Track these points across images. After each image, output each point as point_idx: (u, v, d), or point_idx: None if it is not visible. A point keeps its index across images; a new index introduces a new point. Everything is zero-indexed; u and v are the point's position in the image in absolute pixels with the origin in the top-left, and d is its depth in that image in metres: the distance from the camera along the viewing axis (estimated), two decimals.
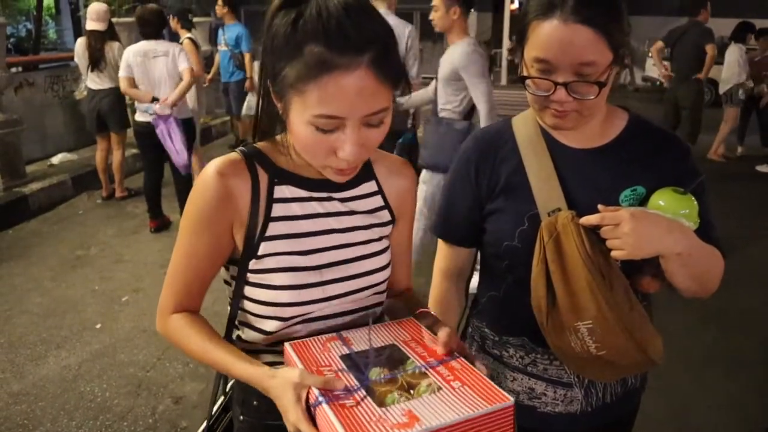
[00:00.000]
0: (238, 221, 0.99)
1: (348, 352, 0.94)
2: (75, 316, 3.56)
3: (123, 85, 4.62)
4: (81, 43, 5.44)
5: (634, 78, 15.29)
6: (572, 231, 1.04)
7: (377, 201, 1.10)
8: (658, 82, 10.55)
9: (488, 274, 1.29)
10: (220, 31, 6.99)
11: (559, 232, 1.06)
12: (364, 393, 0.84)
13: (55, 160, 6.39)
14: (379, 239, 1.09)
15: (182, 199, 4.88)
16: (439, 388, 0.85)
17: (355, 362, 0.91)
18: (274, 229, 1.00)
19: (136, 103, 4.73)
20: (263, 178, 1.00)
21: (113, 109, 5.42)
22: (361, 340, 0.98)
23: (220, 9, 6.81)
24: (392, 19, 4.76)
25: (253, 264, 1.00)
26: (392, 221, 1.12)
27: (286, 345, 0.97)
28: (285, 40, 0.86)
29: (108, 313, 3.59)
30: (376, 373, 0.88)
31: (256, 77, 6.93)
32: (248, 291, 1.02)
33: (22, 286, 3.96)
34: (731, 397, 2.80)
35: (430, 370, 0.89)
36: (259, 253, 0.99)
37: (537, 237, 1.09)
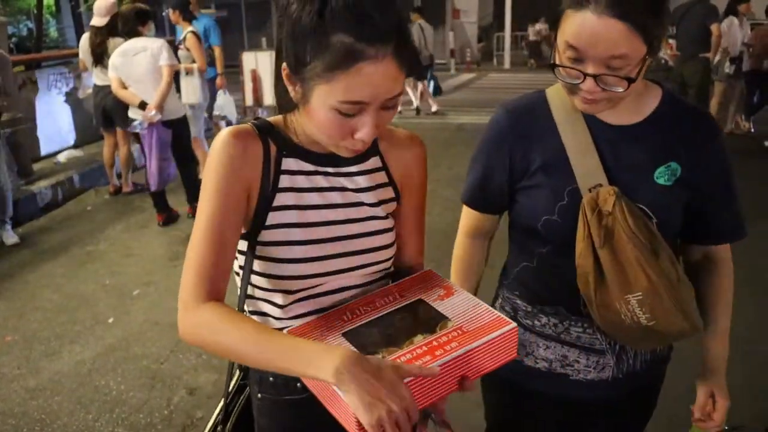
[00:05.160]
0: (251, 188, 0.99)
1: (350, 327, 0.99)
2: (87, 310, 3.59)
3: (113, 86, 4.60)
4: (85, 38, 5.45)
5: None
6: (616, 207, 1.07)
7: (381, 177, 1.10)
8: (663, 61, 10.41)
9: (520, 244, 1.29)
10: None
11: (601, 207, 1.08)
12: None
13: (62, 157, 6.41)
14: (386, 217, 1.10)
15: (189, 187, 4.87)
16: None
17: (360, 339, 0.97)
18: (280, 199, 1.01)
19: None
20: (272, 150, 1.01)
21: (119, 105, 5.37)
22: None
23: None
24: None
25: (261, 236, 1.01)
26: (396, 198, 1.12)
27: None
28: (310, 29, 0.86)
29: (120, 307, 3.61)
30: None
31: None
32: (257, 265, 1.03)
33: (34, 283, 3.98)
34: (746, 378, 2.79)
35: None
36: (267, 223, 1.00)
37: (579, 212, 1.11)
